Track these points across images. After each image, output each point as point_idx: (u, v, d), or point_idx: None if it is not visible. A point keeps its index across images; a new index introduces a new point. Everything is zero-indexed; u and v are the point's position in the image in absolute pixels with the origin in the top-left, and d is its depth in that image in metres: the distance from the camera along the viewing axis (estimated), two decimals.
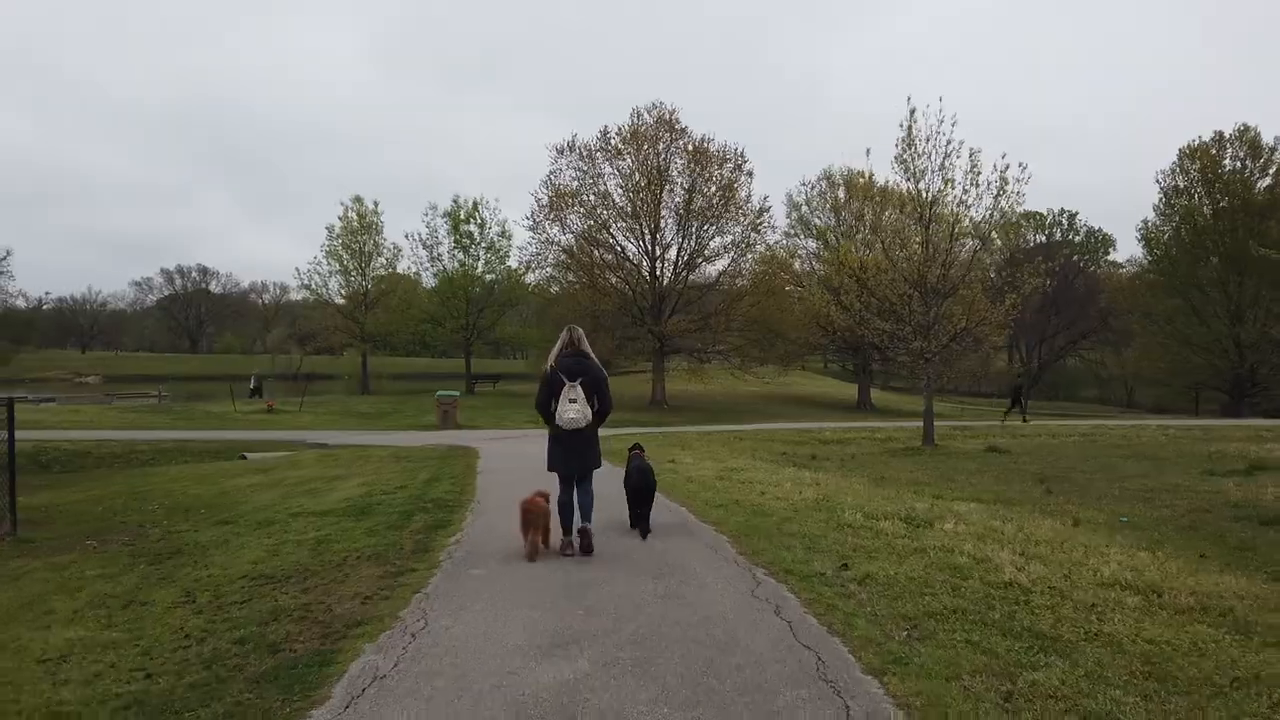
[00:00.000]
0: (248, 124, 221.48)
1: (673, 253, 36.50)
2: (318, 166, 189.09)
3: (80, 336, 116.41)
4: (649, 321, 35.39)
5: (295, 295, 45.49)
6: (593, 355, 6.67)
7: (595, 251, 35.78)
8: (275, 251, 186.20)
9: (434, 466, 13.94)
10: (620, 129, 35.27)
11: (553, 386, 6.46)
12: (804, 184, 47.21)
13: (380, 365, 50.69)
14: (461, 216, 40.95)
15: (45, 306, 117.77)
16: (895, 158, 18.56)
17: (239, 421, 26.61)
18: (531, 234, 35.92)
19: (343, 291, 42.21)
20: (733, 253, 36.16)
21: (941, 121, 18.14)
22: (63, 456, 17.82)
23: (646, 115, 35.38)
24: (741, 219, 35.81)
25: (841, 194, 46.04)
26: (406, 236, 40.64)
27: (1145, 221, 61.15)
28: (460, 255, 41.04)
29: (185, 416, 27.58)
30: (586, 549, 6.43)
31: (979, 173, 17.53)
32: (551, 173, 35.83)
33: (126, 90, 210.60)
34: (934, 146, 18.23)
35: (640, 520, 7.35)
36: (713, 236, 36.05)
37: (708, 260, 36.39)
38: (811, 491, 10.11)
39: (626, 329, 37.10)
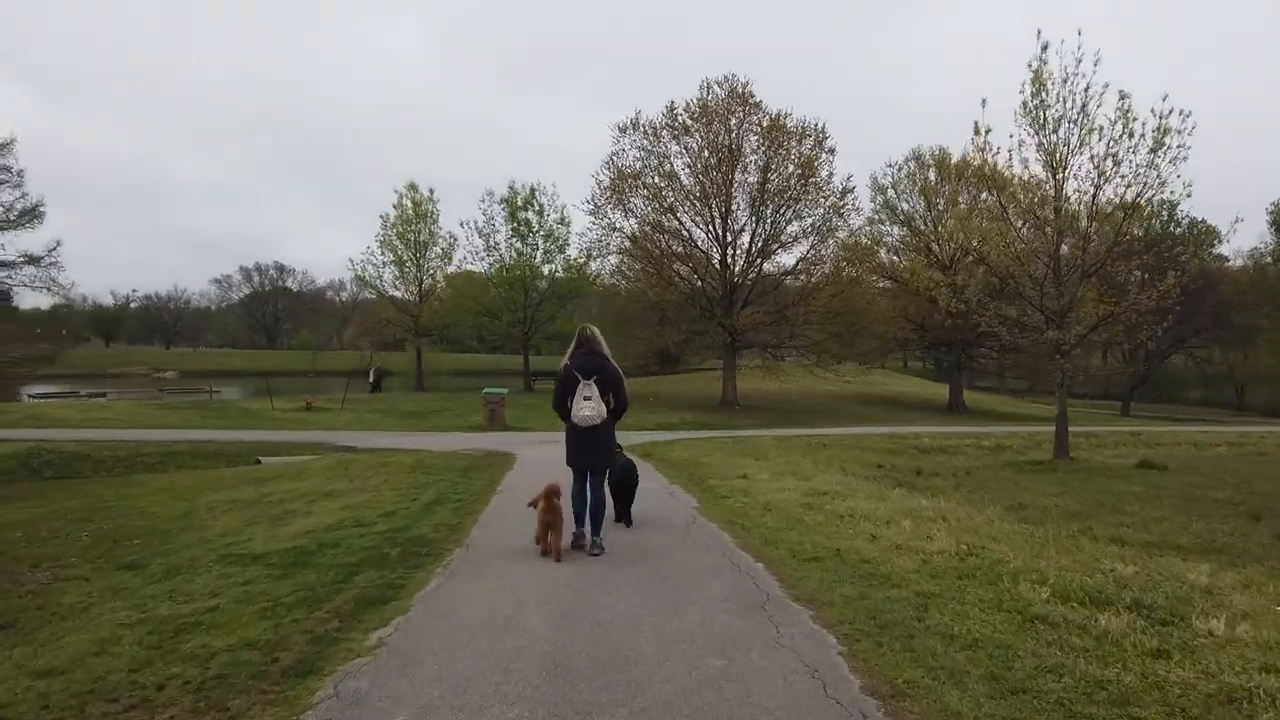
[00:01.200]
0: (324, 122, 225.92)
1: (745, 239, 33.27)
2: (395, 163, 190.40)
3: (165, 333, 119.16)
4: (719, 314, 32.24)
5: (370, 292, 43.27)
6: (608, 354, 6.68)
7: (661, 238, 32.79)
8: (351, 249, 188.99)
9: (448, 482, 11.31)
10: (689, 103, 32.19)
11: (568, 384, 6.49)
12: (890, 165, 43.14)
13: (440, 361, 48.69)
14: (518, 203, 38.22)
15: (133, 304, 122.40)
16: (1020, 105, 15.13)
17: (273, 421, 24.67)
18: (592, 219, 33.16)
19: (397, 283, 40.33)
20: (812, 238, 32.63)
21: (1080, 60, 14.65)
22: (59, 459, 15.88)
23: (717, 88, 32.23)
24: (822, 200, 32.32)
25: (932, 175, 42.13)
26: (462, 224, 38.24)
27: (1275, 204, 55.09)
28: (518, 244, 38.57)
29: (220, 414, 25.80)
30: (596, 551, 6.38)
31: (1134, 118, 13.94)
32: (614, 153, 32.95)
33: (204, 91, 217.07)
34: (1071, 91, 14.74)
35: (622, 514, 7.60)
36: (790, 220, 32.62)
37: (784, 246, 32.91)
38: (943, 535, 7.00)
39: (694, 322, 34.06)
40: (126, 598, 5.78)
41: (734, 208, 32.92)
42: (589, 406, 6.37)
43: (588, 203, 32.92)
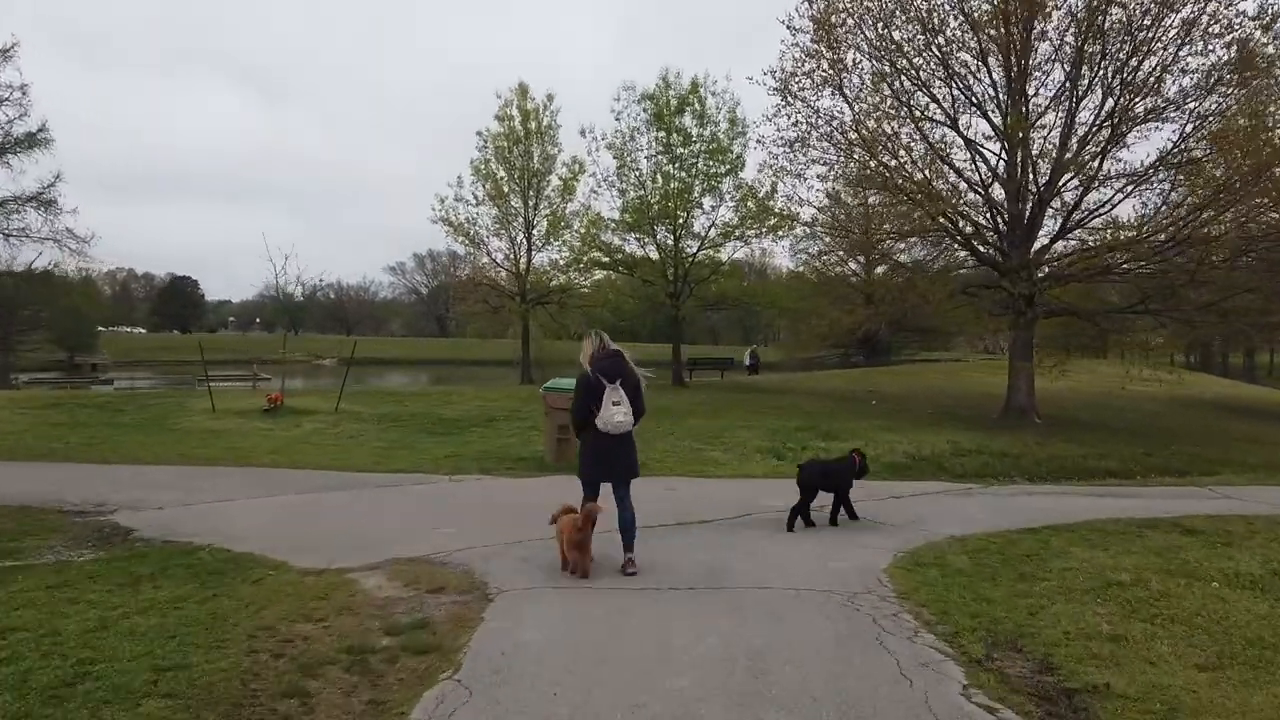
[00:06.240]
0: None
1: (1052, 130, 18.79)
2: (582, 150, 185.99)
3: (345, 322, 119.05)
4: (1010, 256, 18.03)
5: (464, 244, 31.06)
6: (627, 355, 6.17)
7: (896, 126, 18.91)
8: None
9: None
10: None
11: (594, 390, 6.00)
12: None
13: (570, 348, 36.82)
14: (671, 104, 24.65)
15: (319, 295, 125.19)
16: None
17: (174, 436, 13.53)
18: (781, 102, 19.68)
19: (499, 229, 28.91)
20: (1195, 103, 17.49)
21: None
22: None
23: None
24: (1213, 40, 17.19)
25: None
26: (584, 133, 24.57)
27: None
28: (666, 163, 24.96)
29: (114, 422, 15.00)
30: (632, 570, 5.92)
31: None
32: None
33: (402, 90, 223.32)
34: None
35: (795, 514, 7.44)
36: (1147, 82, 17.72)
37: (1138, 125, 18.01)
38: None
39: (961, 274, 19.90)
40: None
41: (1035, 70, 18.52)
42: (620, 411, 5.91)
43: (770, 74, 19.58)
